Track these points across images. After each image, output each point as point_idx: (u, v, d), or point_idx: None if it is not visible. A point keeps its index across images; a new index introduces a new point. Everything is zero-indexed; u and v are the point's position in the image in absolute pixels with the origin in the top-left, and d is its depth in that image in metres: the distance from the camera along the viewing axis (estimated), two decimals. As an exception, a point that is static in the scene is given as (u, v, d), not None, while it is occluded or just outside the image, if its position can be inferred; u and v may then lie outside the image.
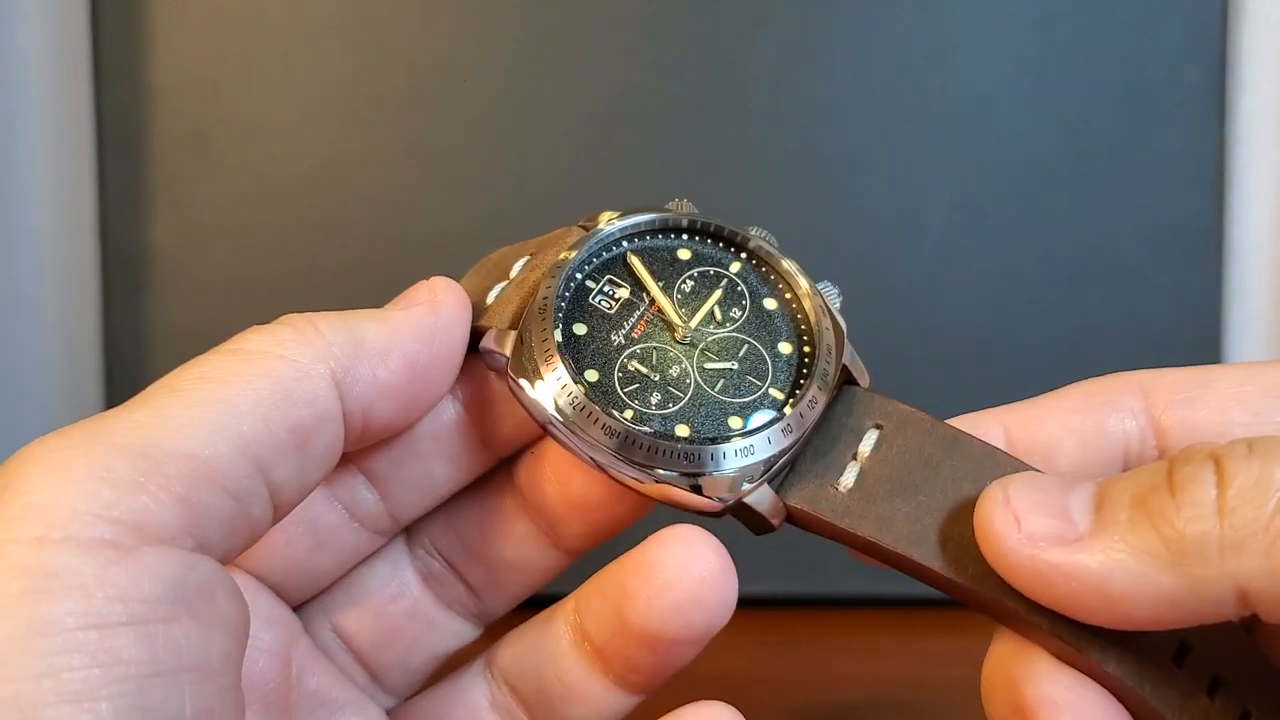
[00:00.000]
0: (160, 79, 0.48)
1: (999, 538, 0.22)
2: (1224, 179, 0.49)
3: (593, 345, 0.26)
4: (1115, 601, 0.21)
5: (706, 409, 0.26)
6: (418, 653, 0.28)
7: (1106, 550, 0.21)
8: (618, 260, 0.27)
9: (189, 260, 0.48)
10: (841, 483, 0.25)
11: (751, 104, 0.48)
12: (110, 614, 0.19)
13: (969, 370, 0.48)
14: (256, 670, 0.26)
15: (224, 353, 0.23)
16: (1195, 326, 0.48)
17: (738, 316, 0.27)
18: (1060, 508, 0.22)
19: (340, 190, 0.48)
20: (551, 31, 0.48)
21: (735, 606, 0.24)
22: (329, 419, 0.23)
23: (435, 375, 0.25)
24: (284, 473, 0.22)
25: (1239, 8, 0.49)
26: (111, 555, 0.19)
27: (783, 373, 0.26)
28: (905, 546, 0.24)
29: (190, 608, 0.20)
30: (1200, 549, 0.20)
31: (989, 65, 0.48)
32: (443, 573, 0.29)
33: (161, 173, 0.48)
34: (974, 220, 0.48)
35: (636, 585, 0.24)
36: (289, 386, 0.23)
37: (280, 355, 0.23)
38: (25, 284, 0.50)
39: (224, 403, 0.22)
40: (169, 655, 0.19)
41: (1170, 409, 0.26)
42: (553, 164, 0.48)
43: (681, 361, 0.26)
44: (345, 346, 0.24)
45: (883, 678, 0.42)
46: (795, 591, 0.44)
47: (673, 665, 0.25)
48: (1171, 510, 0.21)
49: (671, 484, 0.24)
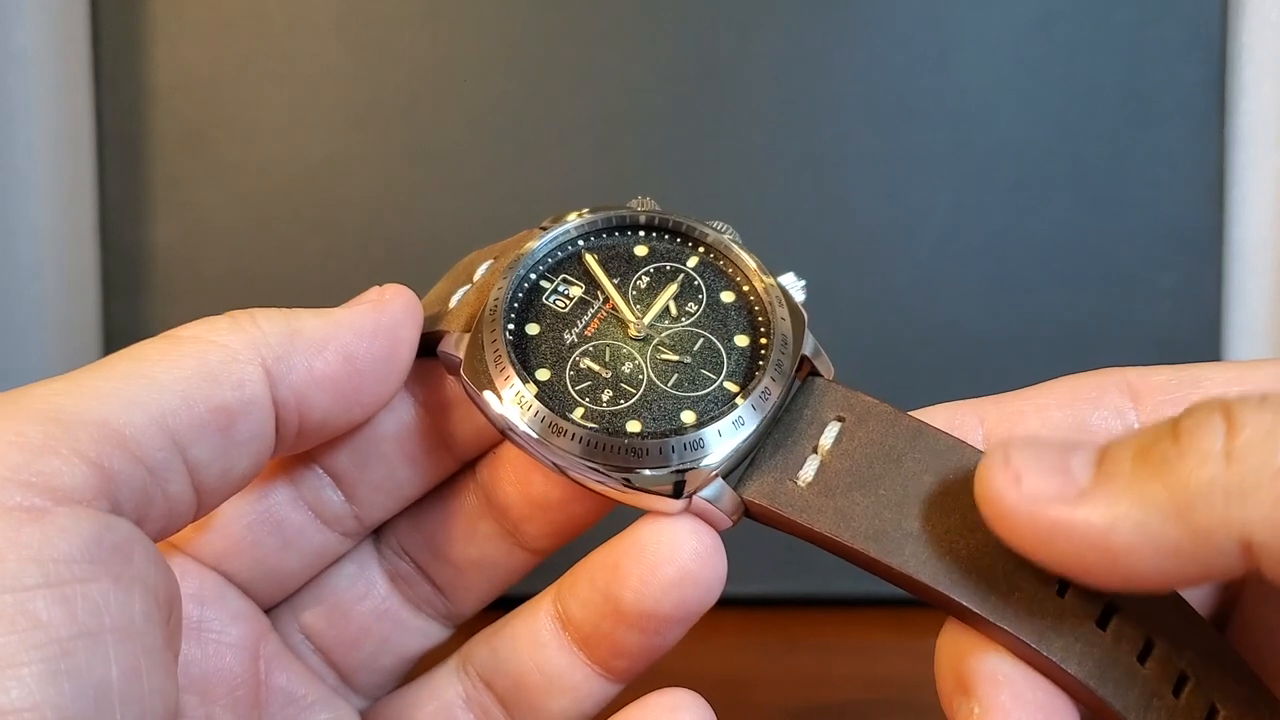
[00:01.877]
0: (160, 79, 0.48)
1: (998, 495, 0.21)
2: (1224, 179, 0.49)
3: (544, 344, 0.26)
4: (1119, 557, 0.20)
5: (659, 404, 0.25)
6: (386, 652, 0.29)
7: (1108, 503, 0.20)
8: (573, 259, 0.27)
9: (189, 260, 0.48)
10: (801, 476, 0.24)
11: (751, 104, 0.48)
12: (25, 576, 0.18)
13: (968, 370, 0.48)
14: (224, 664, 0.26)
15: (157, 339, 0.23)
16: (1195, 327, 0.48)
17: (693, 311, 0.27)
18: (1062, 465, 0.21)
19: (340, 190, 0.48)
20: (551, 32, 0.48)
21: (724, 586, 0.24)
22: (255, 404, 0.23)
23: (377, 371, 0.25)
24: (204, 452, 0.22)
25: (1239, 8, 0.49)
26: (23, 517, 0.19)
27: (738, 365, 0.26)
28: (862, 542, 0.23)
29: (108, 568, 0.19)
30: (1205, 496, 0.19)
31: (989, 66, 0.48)
32: (410, 573, 0.29)
33: (161, 173, 0.48)
34: (974, 221, 0.48)
35: (629, 564, 0.24)
36: (214, 369, 0.23)
37: (211, 340, 0.23)
38: (26, 283, 0.50)
39: (144, 377, 0.22)
40: (89, 616, 0.19)
41: (1158, 410, 0.25)
42: (552, 164, 0.48)
43: (635, 358, 0.26)
44: (280, 336, 0.24)
45: (883, 678, 0.42)
46: (794, 591, 0.44)
47: (660, 648, 0.25)
48: (1175, 457, 0.20)
49: (632, 486, 0.24)
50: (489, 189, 0.48)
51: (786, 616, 0.43)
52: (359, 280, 0.48)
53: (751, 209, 0.48)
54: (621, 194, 0.48)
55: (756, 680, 0.40)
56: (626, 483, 0.24)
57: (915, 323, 0.48)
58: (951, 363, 0.48)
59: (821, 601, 0.45)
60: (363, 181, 0.48)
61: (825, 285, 0.48)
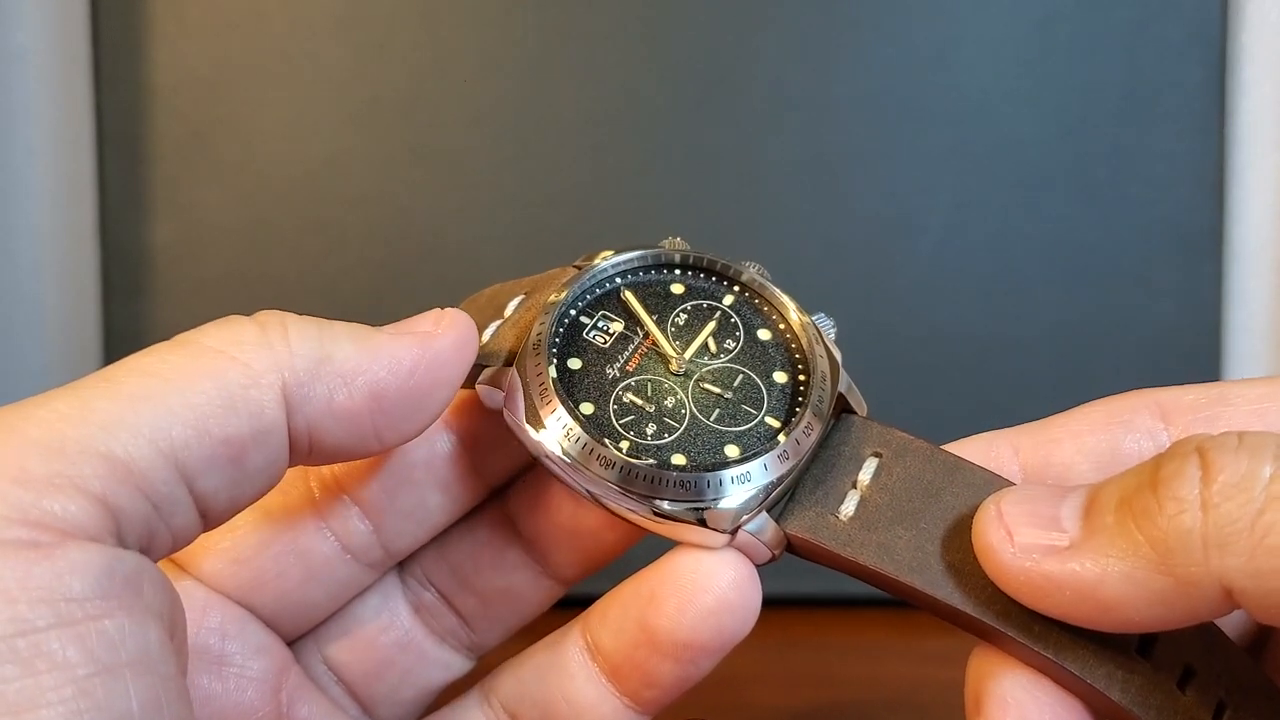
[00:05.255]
0: (160, 79, 0.48)
1: (994, 552, 0.22)
2: (1224, 179, 0.49)
3: (588, 379, 0.26)
4: (1111, 607, 0.21)
5: (702, 438, 0.26)
6: (409, 685, 0.28)
7: (1095, 556, 0.21)
8: (611, 295, 0.28)
9: (189, 260, 0.48)
10: (842, 511, 0.25)
11: (751, 104, 0.48)
12: (38, 618, 0.18)
13: (969, 370, 0.48)
14: (246, 699, 0.26)
15: (175, 345, 0.22)
16: (1195, 327, 0.48)
17: (731, 348, 0.27)
18: (1051, 518, 0.22)
19: (340, 190, 0.48)
20: (552, 32, 0.48)
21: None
22: (271, 433, 0.22)
23: (404, 412, 0.23)
24: (213, 483, 0.21)
25: (1239, 8, 0.49)
26: (33, 556, 0.18)
27: (778, 401, 0.26)
28: (908, 575, 0.24)
29: (121, 601, 0.19)
30: (1184, 546, 0.20)
31: (989, 65, 0.48)
32: (434, 603, 0.28)
33: (161, 173, 0.48)
34: (974, 221, 0.48)
35: (666, 592, 0.24)
36: (233, 394, 0.21)
37: (232, 357, 0.21)
38: (25, 284, 0.50)
39: (156, 401, 0.20)
40: (105, 652, 0.18)
41: (1190, 429, 0.25)
42: (552, 164, 0.48)
43: (676, 392, 0.26)
44: (308, 360, 0.22)
45: (883, 678, 0.42)
46: (795, 591, 0.44)
47: (693, 678, 0.25)
48: (1154, 509, 0.20)
49: (675, 517, 0.24)
50: (489, 189, 0.48)
51: (786, 616, 0.43)
52: (359, 280, 0.48)
53: (751, 209, 0.48)
54: (620, 194, 0.48)
55: (756, 680, 0.40)
56: (666, 516, 0.24)
57: (914, 322, 0.48)
58: (951, 362, 0.48)
59: (821, 601, 0.45)
60: (363, 181, 0.48)
61: (825, 285, 0.48)
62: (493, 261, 0.47)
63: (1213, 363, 0.48)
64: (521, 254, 0.47)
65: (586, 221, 0.48)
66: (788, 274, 0.29)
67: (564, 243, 0.45)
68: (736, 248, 0.29)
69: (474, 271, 0.47)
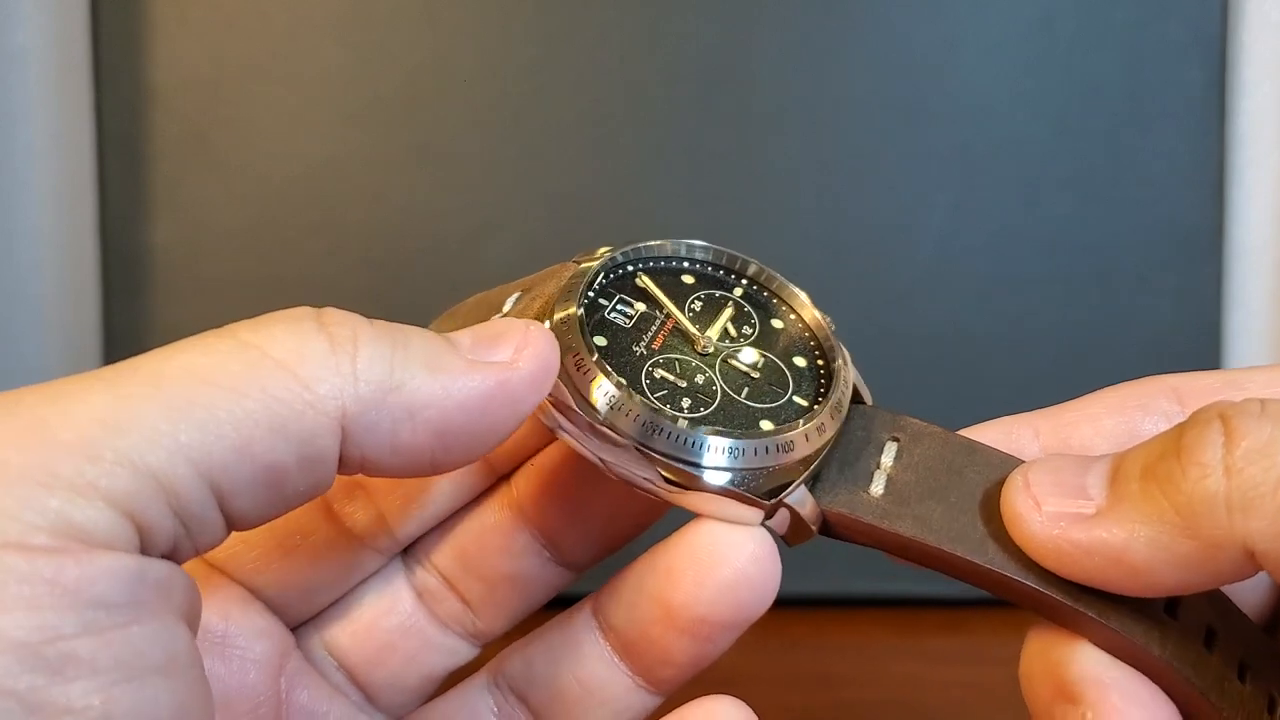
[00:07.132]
0: (160, 79, 0.48)
1: (1023, 521, 0.22)
2: (1224, 179, 0.49)
3: (616, 356, 0.26)
4: (1139, 571, 0.21)
5: (737, 414, 0.25)
6: (412, 671, 0.28)
7: (1121, 523, 0.21)
8: (627, 280, 0.27)
9: (189, 261, 0.48)
10: (872, 489, 0.25)
11: (752, 105, 0.48)
12: (65, 625, 0.18)
13: (969, 370, 0.48)
14: (247, 681, 0.25)
15: (235, 345, 0.20)
16: (1195, 327, 0.48)
17: (749, 334, 0.27)
18: (1078, 486, 0.22)
19: (340, 190, 0.48)
20: (552, 32, 0.48)
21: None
22: (319, 462, 0.20)
23: (471, 443, 0.22)
24: (246, 503, 0.20)
25: (1239, 8, 0.49)
26: (65, 562, 0.18)
27: (804, 383, 0.27)
28: (950, 544, 0.24)
29: (150, 608, 0.19)
30: (1209, 510, 0.20)
31: (989, 66, 0.48)
32: (439, 588, 0.28)
33: (161, 173, 0.48)
34: (974, 221, 0.48)
35: (683, 566, 0.24)
36: (285, 418, 0.20)
37: (294, 373, 0.20)
38: (26, 284, 0.50)
39: (203, 415, 0.19)
40: (135, 659, 0.18)
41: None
42: (553, 164, 0.48)
43: (705, 371, 0.26)
44: (375, 386, 0.20)
45: (883, 678, 0.42)
46: (795, 591, 0.43)
47: (709, 655, 0.25)
48: (1178, 474, 0.21)
49: (720, 492, 0.24)
50: (489, 189, 0.48)
51: (786, 616, 0.43)
52: (359, 280, 0.48)
53: (752, 208, 0.48)
54: (620, 193, 0.48)
55: (756, 680, 0.40)
56: (709, 490, 0.24)
57: (915, 322, 0.48)
58: (951, 362, 0.48)
59: (821, 601, 0.45)
60: (363, 181, 0.48)
61: (825, 284, 0.48)
62: (493, 261, 0.48)
63: (1212, 363, 0.48)
64: (521, 254, 0.47)
65: (586, 221, 0.48)
66: (788, 273, 0.29)
67: (564, 242, 0.44)
68: (737, 247, 0.29)
69: (474, 271, 0.47)
